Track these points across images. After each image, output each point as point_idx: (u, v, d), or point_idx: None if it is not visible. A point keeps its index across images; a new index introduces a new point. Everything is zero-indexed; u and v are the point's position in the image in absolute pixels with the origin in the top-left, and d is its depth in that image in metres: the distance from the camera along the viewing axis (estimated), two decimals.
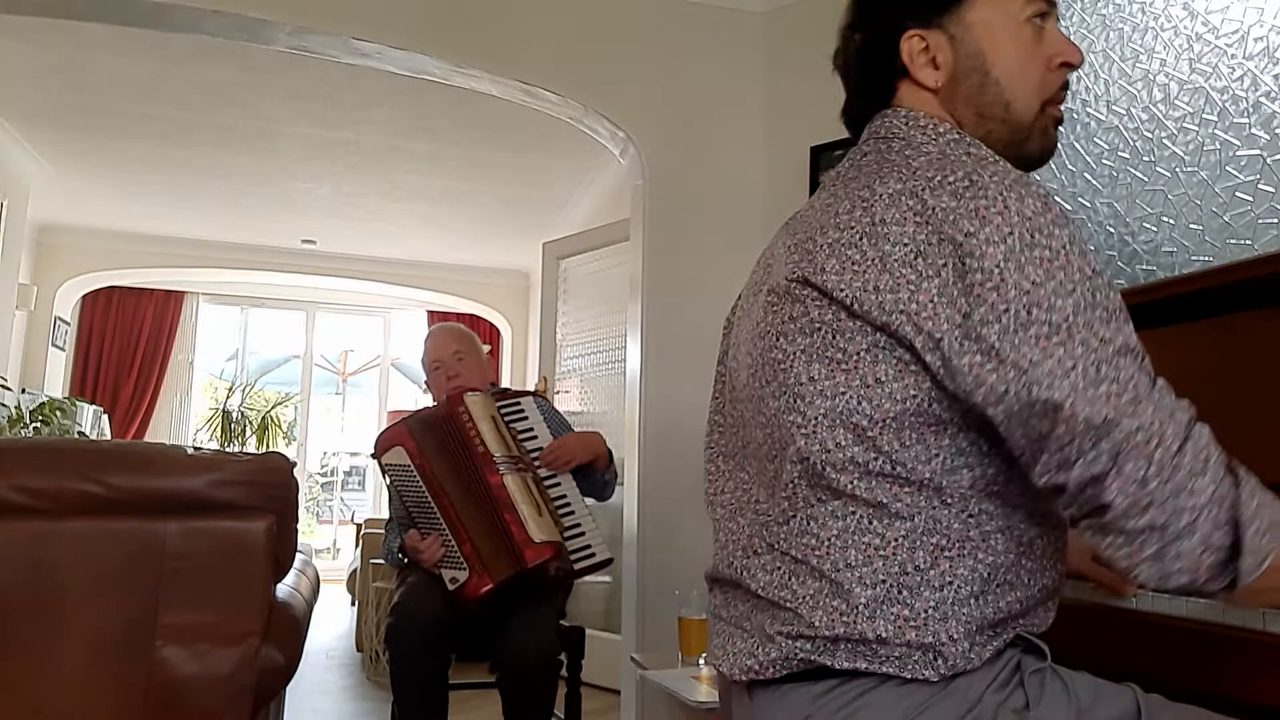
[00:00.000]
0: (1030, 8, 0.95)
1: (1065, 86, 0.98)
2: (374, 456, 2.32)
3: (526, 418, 2.40)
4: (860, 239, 0.83)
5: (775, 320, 0.90)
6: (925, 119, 0.95)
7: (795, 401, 0.86)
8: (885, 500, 0.83)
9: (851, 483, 0.83)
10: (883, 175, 0.86)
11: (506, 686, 2.13)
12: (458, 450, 2.26)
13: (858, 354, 0.82)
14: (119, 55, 3.76)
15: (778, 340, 0.89)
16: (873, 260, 0.81)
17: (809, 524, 0.86)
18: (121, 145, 4.83)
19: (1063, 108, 0.99)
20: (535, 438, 2.38)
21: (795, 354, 0.87)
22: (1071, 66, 0.98)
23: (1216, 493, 0.73)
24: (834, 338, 0.84)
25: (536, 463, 2.33)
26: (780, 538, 0.88)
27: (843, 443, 0.83)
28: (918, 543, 0.82)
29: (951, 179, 0.80)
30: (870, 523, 0.83)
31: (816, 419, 0.84)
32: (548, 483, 2.32)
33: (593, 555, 2.29)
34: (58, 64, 3.87)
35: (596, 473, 2.42)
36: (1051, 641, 0.89)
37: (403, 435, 2.28)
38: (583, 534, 2.30)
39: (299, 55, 2.92)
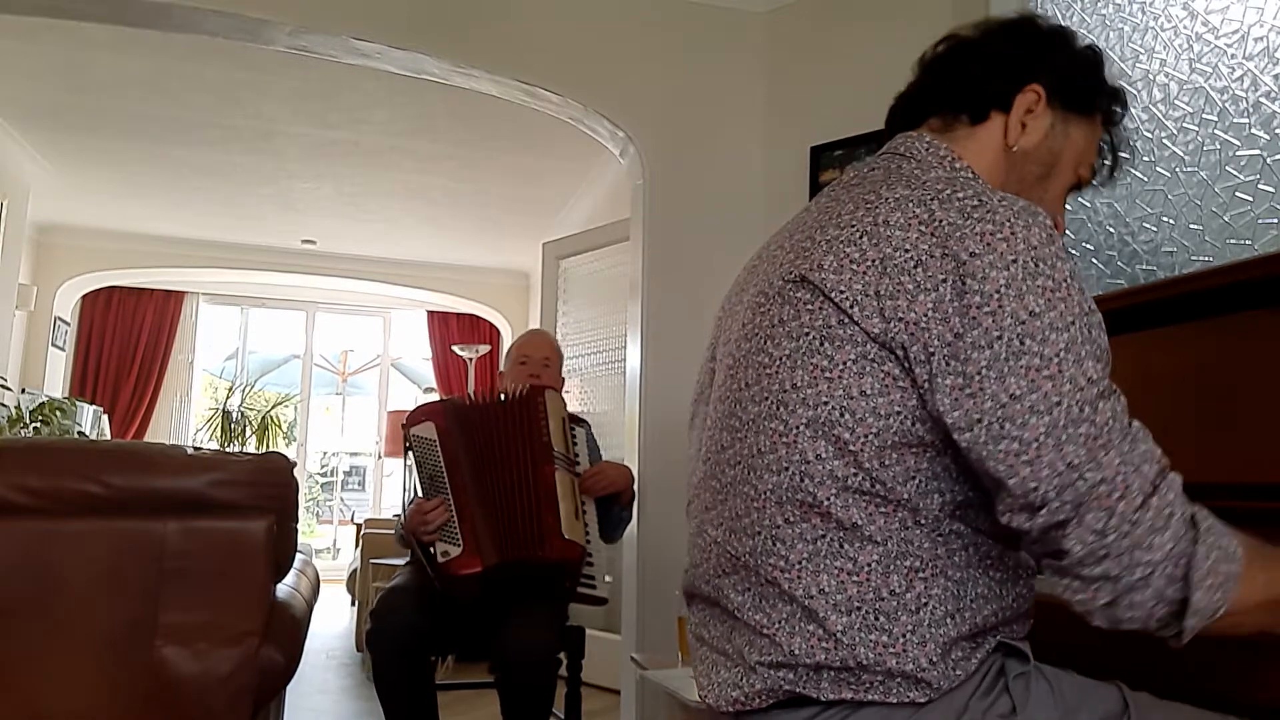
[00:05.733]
0: (1084, 173, 1.03)
1: None
2: (404, 426, 2.34)
3: (577, 442, 2.45)
4: (860, 237, 0.82)
5: (763, 323, 0.88)
6: (946, 150, 0.95)
7: (777, 409, 0.84)
8: (860, 521, 0.81)
9: (829, 498, 0.81)
10: (890, 183, 0.87)
11: (505, 686, 2.13)
12: (517, 434, 2.30)
13: (844, 363, 0.80)
14: (119, 55, 3.76)
15: (764, 344, 0.87)
16: (873, 261, 0.80)
17: (775, 544, 0.84)
18: (121, 145, 4.83)
19: None
20: (579, 463, 2.43)
21: (780, 359, 0.85)
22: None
23: (1175, 550, 0.73)
24: (821, 344, 0.82)
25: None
26: (748, 553, 0.87)
27: (823, 455, 0.81)
28: (891, 566, 0.81)
29: (961, 195, 0.81)
30: (841, 546, 0.82)
31: (798, 428, 0.82)
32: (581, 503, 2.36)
33: (594, 588, 2.33)
34: (58, 64, 3.87)
35: (617, 507, 2.46)
36: (1037, 641, 0.88)
37: (436, 413, 2.33)
38: (593, 565, 2.33)
39: (299, 55, 2.92)
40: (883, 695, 0.80)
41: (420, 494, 2.29)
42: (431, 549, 2.21)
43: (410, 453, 2.31)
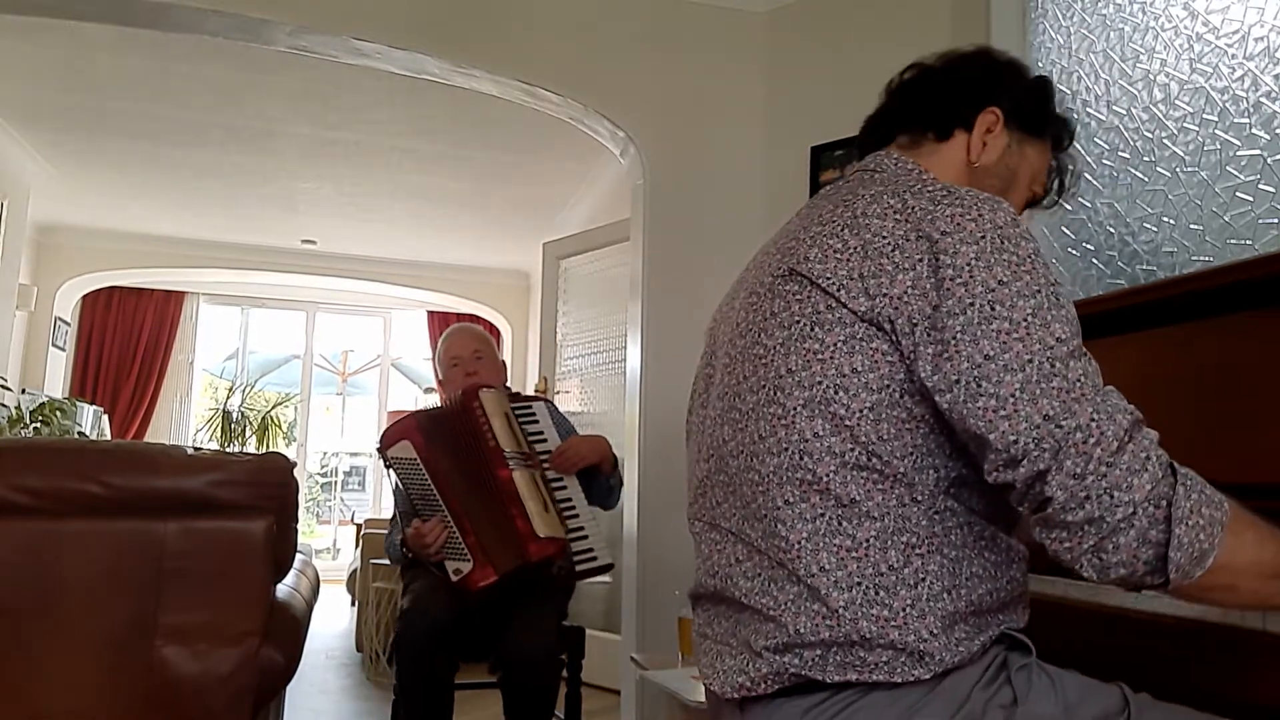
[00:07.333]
0: (1037, 189, 1.12)
1: None
2: (379, 450, 2.31)
3: (537, 421, 2.41)
4: (842, 229, 0.89)
5: (756, 318, 0.94)
6: (913, 164, 1.02)
7: (774, 394, 0.89)
8: (858, 497, 0.84)
9: (828, 474, 0.85)
10: (865, 184, 0.96)
11: (508, 686, 2.13)
12: (468, 443, 2.27)
13: (835, 345, 0.86)
14: (119, 55, 3.76)
15: (759, 337, 0.93)
16: (855, 248, 0.87)
17: (777, 526, 0.87)
18: (121, 145, 4.83)
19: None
20: (545, 441, 2.39)
21: (774, 348, 0.90)
22: None
23: (1154, 491, 0.75)
24: (812, 329, 0.87)
25: (545, 465, 2.34)
26: (759, 537, 0.90)
27: (821, 432, 0.85)
28: (889, 542, 0.84)
29: (930, 188, 0.90)
30: (840, 524, 0.85)
31: (795, 409, 0.87)
32: (554, 485, 2.33)
33: (595, 559, 2.30)
34: (58, 64, 3.87)
35: (602, 477, 2.43)
36: (1041, 640, 0.89)
37: (410, 430, 2.28)
38: (586, 537, 2.31)
39: (299, 55, 2.92)
40: (888, 675, 0.82)
41: (412, 509, 2.28)
42: (443, 566, 2.20)
43: (394, 475, 2.29)
